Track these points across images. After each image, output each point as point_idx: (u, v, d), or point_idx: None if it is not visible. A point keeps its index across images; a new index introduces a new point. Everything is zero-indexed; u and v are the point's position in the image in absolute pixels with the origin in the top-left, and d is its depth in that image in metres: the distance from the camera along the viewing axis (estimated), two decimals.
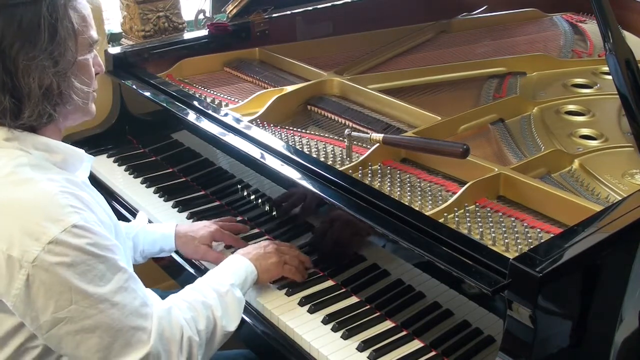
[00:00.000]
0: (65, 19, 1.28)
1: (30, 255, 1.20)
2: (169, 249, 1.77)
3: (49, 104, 1.28)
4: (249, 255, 1.58)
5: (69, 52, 1.29)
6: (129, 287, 1.29)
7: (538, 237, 1.47)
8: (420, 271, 1.44)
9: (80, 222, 1.23)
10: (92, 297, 1.23)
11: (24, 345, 1.30)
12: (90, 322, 1.24)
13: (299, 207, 1.73)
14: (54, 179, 1.29)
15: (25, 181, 1.26)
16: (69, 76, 1.30)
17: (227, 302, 1.45)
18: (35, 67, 1.24)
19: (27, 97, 1.26)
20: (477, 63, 2.37)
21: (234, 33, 2.53)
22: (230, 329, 1.44)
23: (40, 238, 1.20)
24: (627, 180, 1.69)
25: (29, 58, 1.24)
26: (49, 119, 1.31)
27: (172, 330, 1.33)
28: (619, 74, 1.60)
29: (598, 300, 1.36)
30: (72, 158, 1.38)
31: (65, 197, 1.26)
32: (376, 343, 1.45)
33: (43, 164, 1.31)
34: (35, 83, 1.25)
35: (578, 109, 2.07)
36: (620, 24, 1.75)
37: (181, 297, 1.43)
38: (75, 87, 1.32)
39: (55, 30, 1.26)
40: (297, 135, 1.96)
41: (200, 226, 1.78)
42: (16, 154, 1.30)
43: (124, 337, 1.26)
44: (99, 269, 1.24)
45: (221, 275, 1.51)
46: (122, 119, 2.34)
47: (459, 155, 1.59)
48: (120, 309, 1.26)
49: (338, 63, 2.40)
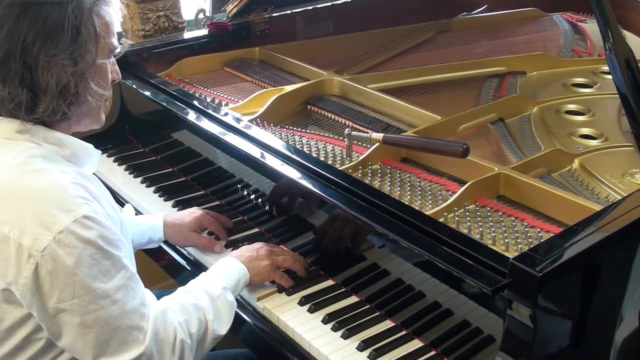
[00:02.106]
0: (89, 23, 1.32)
1: (41, 244, 1.22)
2: (158, 239, 1.80)
3: (64, 101, 1.31)
4: (242, 258, 1.59)
5: (89, 54, 1.32)
6: (130, 285, 1.30)
7: (538, 236, 1.47)
8: (420, 271, 1.44)
9: (90, 214, 1.25)
10: (95, 292, 1.25)
11: (28, 337, 1.32)
12: (90, 317, 1.25)
13: (299, 207, 1.73)
14: (65, 170, 1.32)
15: (37, 171, 1.29)
16: (87, 77, 1.33)
17: (219, 305, 1.46)
18: (54, 65, 1.28)
19: (44, 93, 1.29)
20: (477, 63, 2.37)
21: (234, 33, 2.53)
22: (221, 332, 1.45)
23: (51, 227, 1.22)
24: (627, 179, 1.69)
25: (50, 55, 1.27)
26: (62, 117, 1.33)
27: (167, 331, 1.34)
28: (619, 74, 1.60)
29: (598, 299, 1.36)
30: (81, 152, 1.41)
31: (76, 188, 1.28)
32: (376, 342, 1.45)
33: (53, 156, 1.34)
34: (53, 80, 1.28)
35: (578, 109, 2.07)
36: (620, 24, 1.75)
37: (174, 300, 1.43)
38: (91, 89, 1.35)
39: (78, 31, 1.30)
40: (297, 134, 1.96)
41: (186, 214, 1.81)
42: (28, 145, 1.33)
43: (121, 335, 1.28)
44: (104, 264, 1.26)
45: (214, 278, 1.51)
46: (122, 118, 2.34)
47: (459, 154, 1.59)
48: (121, 307, 1.28)
49: (338, 63, 2.40)
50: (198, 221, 1.79)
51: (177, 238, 1.79)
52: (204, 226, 1.80)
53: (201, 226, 1.80)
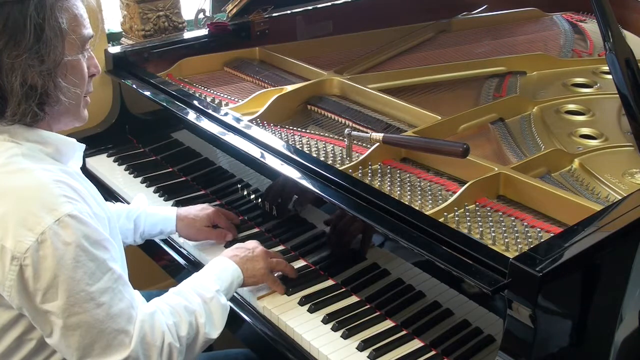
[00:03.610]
0: (52, 19, 1.26)
1: (23, 246, 1.20)
2: (169, 231, 1.80)
3: (33, 102, 1.27)
4: (236, 259, 1.56)
5: (56, 51, 1.27)
6: (117, 288, 1.28)
7: (538, 236, 1.47)
8: (420, 270, 1.44)
9: (74, 212, 1.23)
10: (78, 295, 1.23)
11: (20, 338, 1.31)
12: (73, 319, 1.24)
13: (299, 207, 1.73)
14: (49, 168, 1.29)
15: (19, 170, 1.27)
16: (56, 76, 1.28)
17: (212, 308, 1.43)
18: (19, 66, 1.24)
19: (10, 95, 1.26)
20: (477, 62, 2.37)
21: (234, 32, 2.53)
22: (213, 336, 1.43)
23: (34, 228, 1.21)
24: (627, 179, 1.69)
25: (13, 56, 1.24)
26: (34, 118, 1.30)
27: (154, 335, 1.32)
28: (619, 74, 1.60)
29: (598, 299, 1.36)
30: (64, 147, 1.38)
31: (60, 187, 1.26)
32: (376, 342, 1.45)
33: (36, 154, 1.31)
34: (17, 81, 1.24)
35: (578, 109, 2.07)
36: (620, 24, 1.75)
37: (165, 301, 1.41)
38: (62, 88, 1.30)
39: (41, 29, 1.25)
40: (297, 134, 1.96)
41: (198, 209, 1.82)
42: (7, 145, 1.30)
43: (106, 338, 1.26)
44: (88, 266, 1.24)
45: (207, 280, 1.49)
46: (122, 118, 2.34)
47: (459, 154, 1.59)
48: (106, 310, 1.26)
49: (338, 62, 2.40)
50: (211, 217, 1.80)
51: (190, 232, 1.80)
52: (215, 222, 1.81)
53: (213, 222, 1.81)
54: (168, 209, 1.84)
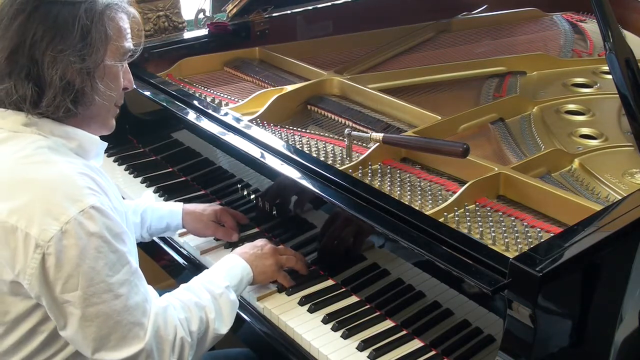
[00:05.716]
0: (100, 24, 1.33)
1: (48, 235, 1.22)
2: (176, 225, 1.81)
3: (68, 97, 1.32)
4: (246, 256, 1.58)
5: (98, 53, 1.33)
6: (133, 281, 1.31)
7: (538, 236, 1.47)
8: (420, 270, 1.44)
9: (97, 204, 1.27)
10: (98, 285, 1.25)
11: (33, 330, 1.32)
12: (92, 310, 1.26)
13: (299, 207, 1.73)
14: (73, 162, 1.33)
15: (45, 162, 1.30)
16: (94, 77, 1.34)
17: (221, 304, 1.46)
18: (60, 60, 1.30)
19: (48, 87, 1.30)
20: (477, 62, 2.37)
21: (234, 32, 2.53)
22: (222, 331, 1.45)
23: (59, 217, 1.23)
24: (627, 179, 1.69)
25: (57, 51, 1.29)
26: (67, 113, 1.34)
27: (167, 329, 1.34)
28: (619, 74, 1.59)
29: (598, 299, 1.36)
30: (88, 144, 1.41)
31: (83, 179, 1.30)
32: (376, 342, 1.45)
33: (61, 148, 1.35)
34: (57, 74, 1.30)
35: (578, 109, 2.07)
36: (620, 24, 1.75)
37: (176, 297, 1.44)
38: (98, 90, 1.36)
39: (88, 30, 1.32)
40: (297, 134, 1.96)
41: (205, 205, 1.84)
42: (35, 137, 1.34)
43: (122, 330, 1.29)
44: (109, 257, 1.27)
45: (216, 276, 1.51)
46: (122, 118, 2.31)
47: (459, 154, 1.59)
48: (123, 302, 1.28)
49: (338, 63, 2.40)
50: (218, 214, 1.81)
51: (196, 227, 1.81)
52: (222, 220, 1.82)
53: (219, 219, 1.81)
54: (174, 203, 1.86)
